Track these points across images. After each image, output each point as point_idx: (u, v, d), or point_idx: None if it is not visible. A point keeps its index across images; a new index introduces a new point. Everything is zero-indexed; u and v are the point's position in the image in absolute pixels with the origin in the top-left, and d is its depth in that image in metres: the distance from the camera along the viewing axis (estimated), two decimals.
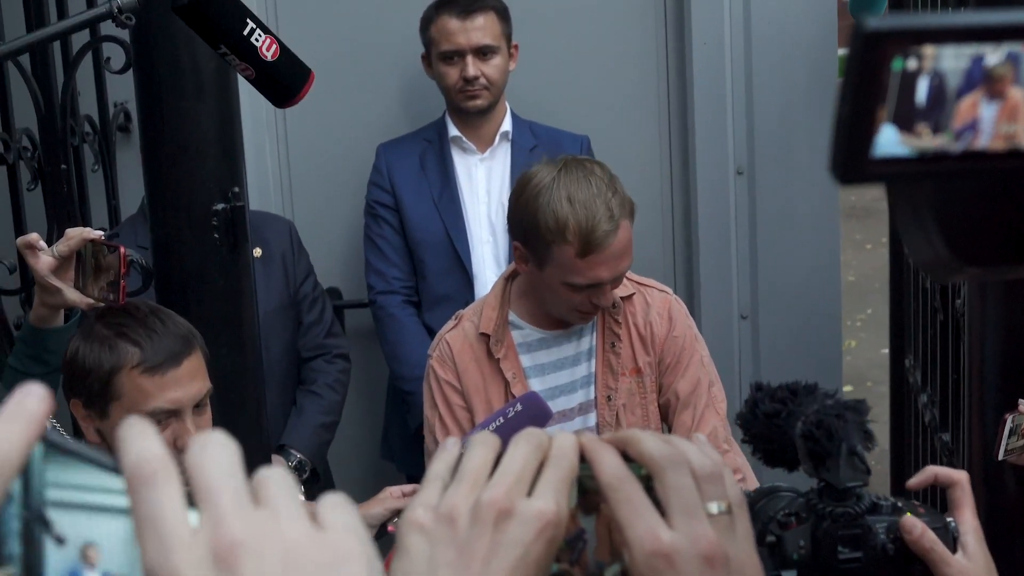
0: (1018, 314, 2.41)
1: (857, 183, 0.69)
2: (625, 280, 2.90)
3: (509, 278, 2.90)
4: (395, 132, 3.90)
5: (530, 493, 0.87)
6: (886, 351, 4.21)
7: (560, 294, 2.74)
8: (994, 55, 0.66)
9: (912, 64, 0.66)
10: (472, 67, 3.61)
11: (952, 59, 0.66)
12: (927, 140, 0.67)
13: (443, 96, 3.73)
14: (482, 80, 3.63)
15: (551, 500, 0.86)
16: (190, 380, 2.22)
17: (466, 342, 2.89)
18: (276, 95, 2.03)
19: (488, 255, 3.69)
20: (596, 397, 2.87)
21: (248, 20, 1.90)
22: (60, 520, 0.62)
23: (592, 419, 2.87)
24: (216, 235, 2.51)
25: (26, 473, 0.61)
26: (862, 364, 7.87)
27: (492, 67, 3.64)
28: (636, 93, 4.07)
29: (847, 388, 7.37)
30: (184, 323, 2.26)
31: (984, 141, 0.67)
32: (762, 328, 4.03)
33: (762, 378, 4.06)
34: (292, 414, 3.45)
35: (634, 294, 2.90)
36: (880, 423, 4.34)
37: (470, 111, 3.68)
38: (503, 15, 3.66)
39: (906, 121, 0.67)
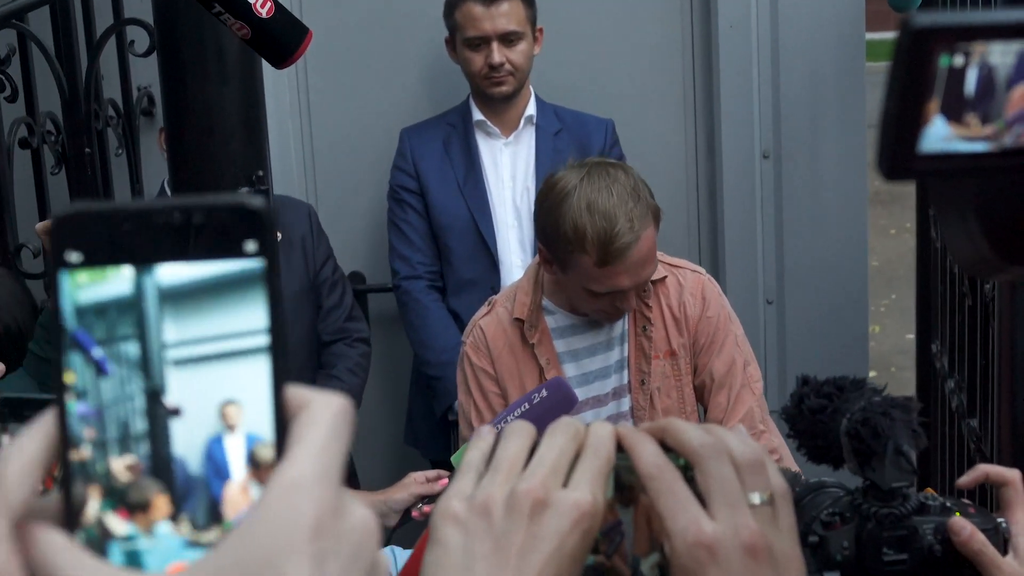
0: None
1: (903, 179, 0.68)
2: (658, 262, 2.88)
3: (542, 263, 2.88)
4: (419, 116, 3.89)
5: (566, 484, 0.85)
6: (910, 336, 4.19)
7: (583, 298, 2.73)
8: None
9: (959, 60, 0.65)
10: (497, 53, 3.59)
11: (999, 55, 0.65)
12: (976, 130, 0.66)
13: (467, 80, 3.71)
14: (507, 66, 3.61)
15: (587, 491, 0.84)
16: None
17: (500, 327, 2.88)
18: (273, 54, 2.00)
19: (513, 239, 3.68)
20: (630, 381, 2.86)
21: None
22: (191, 381, 0.61)
23: (626, 403, 2.85)
24: None
25: (142, 337, 0.60)
26: (887, 349, 7.85)
27: (517, 53, 3.62)
28: (661, 76, 4.05)
29: (872, 373, 7.35)
30: None
31: None
32: (788, 313, 4.01)
33: (787, 362, 4.05)
34: None
35: (667, 276, 2.87)
36: None
37: (495, 97, 3.66)
38: (528, 0, 3.64)
39: (955, 112, 0.65)
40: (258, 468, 0.61)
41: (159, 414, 0.59)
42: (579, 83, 4.00)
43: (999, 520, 1.33)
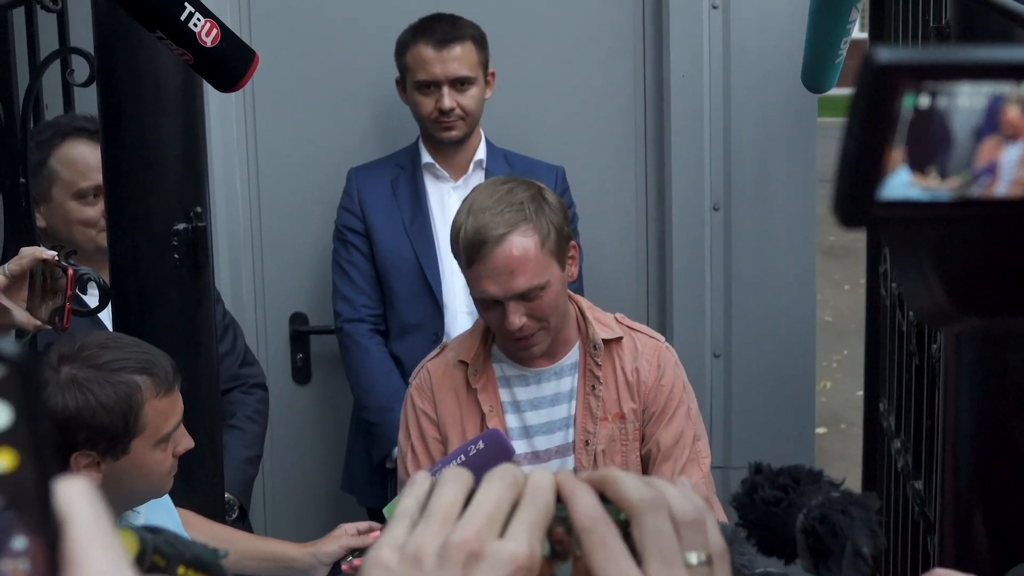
0: (993, 360, 2.38)
1: (860, 225, 0.65)
2: (614, 323, 2.88)
3: None
4: (367, 156, 3.86)
5: (503, 534, 0.82)
6: (861, 393, 4.18)
7: (480, 314, 2.75)
8: (1013, 94, 0.62)
9: (924, 101, 0.62)
10: (448, 98, 3.56)
11: (968, 97, 0.62)
12: (934, 183, 0.63)
13: (417, 123, 3.69)
14: (458, 111, 3.59)
15: (524, 542, 0.81)
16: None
17: (447, 371, 2.86)
18: (218, 80, 1.97)
19: (459, 284, 3.65)
20: (575, 440, 2.83)
21: (186, 4, 1.83)
22: None
23: (570, 463, 2.83)
24: (176, 255, 2.46)
25: None
26: (837, 405, 7.87)
27: (468, 98, 3.60)
28: (613, 124, 4.05)
29: (821, 429, 7.36)
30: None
31: (1003, 187, 0.63)
32: (735, 367, 4.00)
33: (733, 417, 4.03)
34: None
35: (622, 337, 2.87)
36: (853, 465, 4.31)
37: (445, 141, 3.64)
38: (481, 43, 3.63)
39: (919, 160, 0.63)
40: None
41: None
42: (530, 128, 3.99)
43: None
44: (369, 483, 3.73)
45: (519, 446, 2.84)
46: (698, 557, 0.83)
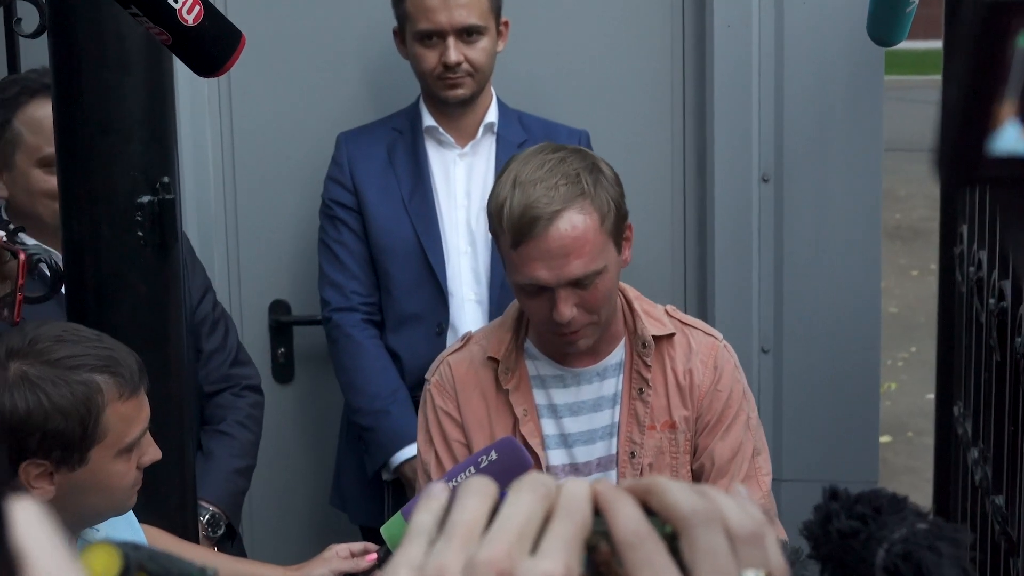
0: None
1: (970, 185, 0.66)
2: (665, 316, 2.89)
3: None
4: (360, 119, 3.88)
5: (534, 551, 0.83)
6: (931, 396, 4.19)
7: (520, 302, 2.75)
8: None
9: None
10: (454, 51, 3.57)
11: None
12: None
13: (418, 80, 3.70)
14: (465, 66, 3.60)
15: (560, 560, 0.82)
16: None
17: (471, 367, 2.87)
18: (198, 64, 1.98)
19: (466, 268, 3.67)
20: (618, 451, 2.84)
21: None
22: None
23: (613, 477, 2.84)
24: (140, 233, 2.48)
25: None
26: (903, 411, 7.89)
27: (478, 50, 3.61)
28: (646, 82, 4.06)
29: (885, 438, 7.37)
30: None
31: None
32: (787, 365, 4.01)
33: (784, 424, 4.04)
34: (198, 460, 3.27)
35: (675, 334, 2.87)
36: (923, 480, 4.31)
37: (450, 101, 3.65)
38: None
39: None
40: None
41: None
42: (548, 87, 4.01)
43: None
44: (362, 498, 3.75)
45: (556, 456, 2.85)
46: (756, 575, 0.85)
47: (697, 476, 2.84)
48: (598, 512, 0.86)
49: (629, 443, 2.83)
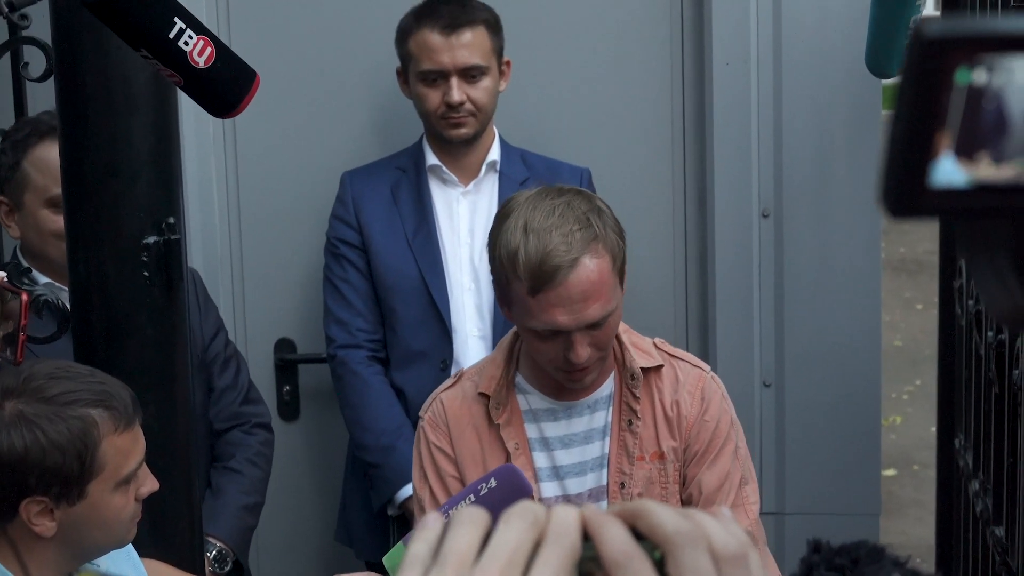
0: None
1: (911, 216, 0.68)
2: (653, 349, 2.91)
3: (519, 334, 2.89)
4: (364, 158, 3.90)
5: None
6: (935, 429, 4.20)
7: (529, 344, 2.76)
8: None
9: (980, 77, 0.65)
10: (457, 91, 3.60)
11: None
12: (986, 171, 0.66)
13: (421, 119, 3.73)
14: (468, 106, 3.62)
15: None
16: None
17: (464, 403, 2.89)
18: (212, 105, 1.99)
19: (470, 305, 3.69)
20: (609, 483, 2.86)
21: (176, 20, 1.84)
22: None
23: (603, 507, 2.84)
24: (146, 273, 2.50)
25: None
26: (909, 444, 7.88)
27: (480, 90, 3.63)
28: (646, 119, 4.08)
29: (889, 472, 7.37)
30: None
31: None
32: (788, 398, 4.02)
33: (786, 457, 4.05)
34: (207, 496, 3.34)
35: (662, 366, 2.89)
36: (927, 513, 4.31)
37: (453, 140, 3.68)
38: (494, 28, 3.66)
39: (967, 147, 0.66)
40: None
41: None
42: (550, 125, 4.03)
43: None
44: (368, 533, 3.76)
45: (548, 488, 2.87)
46: None
47: (686, 505, 2.85)
48: (587, 537, 0.88)
49: (619, 474, 2.85)
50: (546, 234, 2.63)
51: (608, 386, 2.90)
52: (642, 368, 2.86)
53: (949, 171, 0.66)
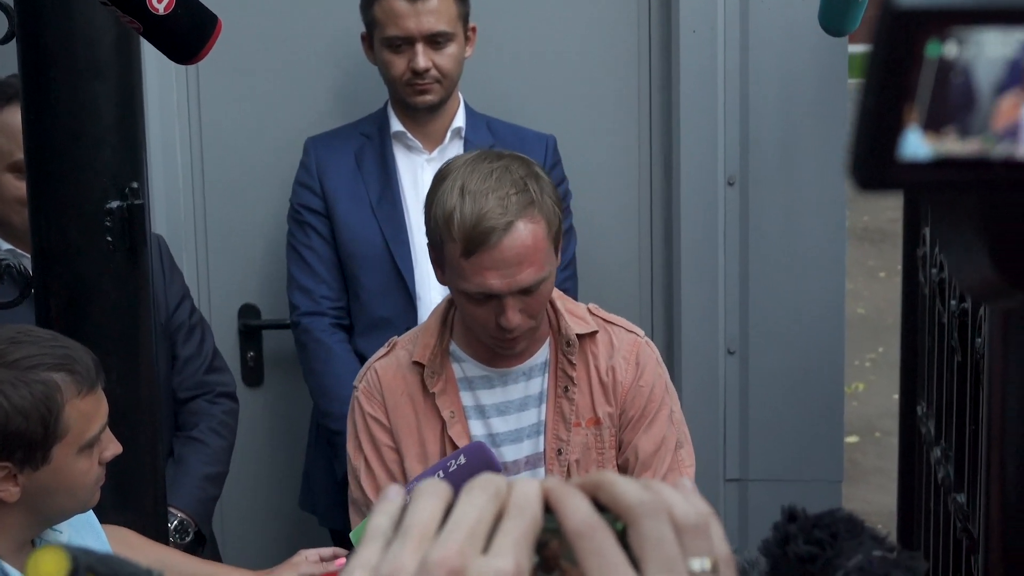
0: None
1: (880, 189, 0.68)
2: (588, 315, 2.93)
3: (453, 301, 2.90)
4: (328, 124, 3.90)
5: (487, 550, 0.86)
6: (898, 397, 4.23)
7: (462, 308, 2.78)
8: None
9: (951, 50, 0.65)
10: (422, 57, 3.59)
11: (999, 46, 0.65)
12: (951, 145, 0.67)
13: (386, 86, 3.72)
14: (433, 72, 3.61)
15: (510, 557, 0.85)
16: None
17: (399, 372, 2.89)
18: (173, 52, 1.98)
19: (434, 273, 3.69)
20: (545, 449, 2.88)
21: None
22: None
23: (540, 474, 2.86)
24: (109, 238, 2.49)
25: None
26: (871, 411, 7.93)
27: (446, 57, 3.63)
28: (612, 87, 4.09)
29: (852, 438, 7.42)
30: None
31: None
32: (752, 366, 4.05)
33: (750, 424, 4.07)
34: (169, 466, 3.32)
35: (597, 332, 2.91)
36: (889, 480, 4.34)
37: (418, 106, 3.67)
38: None
39: (935, 121, 0.66)
40: None
41: None
42: (516, 92, 4.03)
43: None
44: (332, 501, 3.75)
45: None
46: (702, 564, 0.87)
47: (623, 470, 2.88)
48: (549, 510, 0.89)
49: (556, 440, 2.86)
50: (482, 197, 2.64)
51: (543, 353, 2.91)
52: (577, 335, 2.88)
53: (916, 145, 0.66)
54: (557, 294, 2.93)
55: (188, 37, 1.95)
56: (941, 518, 3.33)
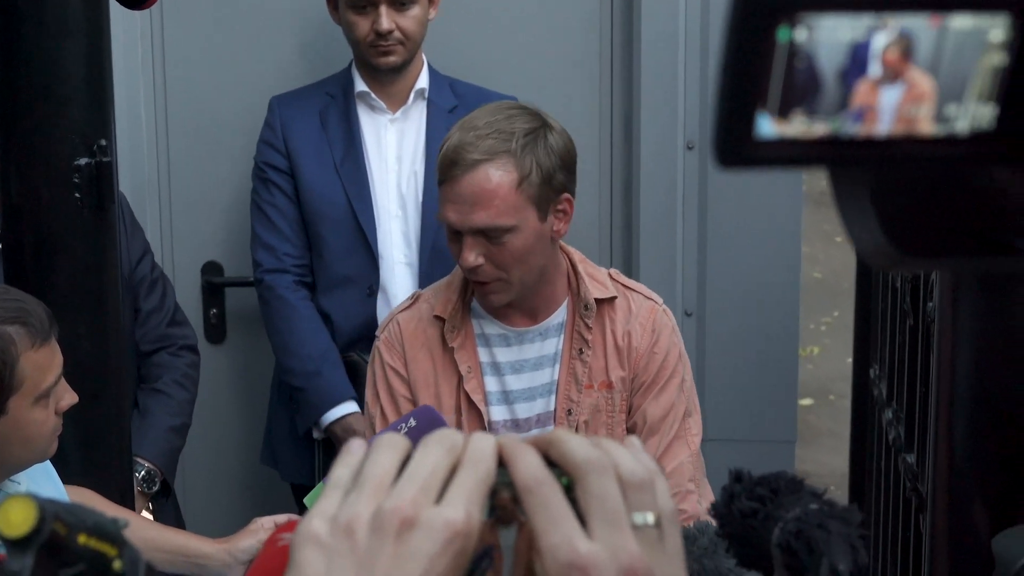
0: (994, 318, 2.47)
1: (740, 167, 0.72)
2: (608, 280, 2.96)
3: None
4: (293, 83, 3.91)
5: (440, 501, 0.89)
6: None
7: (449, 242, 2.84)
8: (885, 33, 0.69)
9: (801, 35, 0.68)
10: (386, 19, 3.59)
11: (848, 31, 0.69)
12: (798, 127, 0.70)
13: (350, 46, 3.73)
14: (397, 34, 3.62)
15: (461, 508, 0.89)
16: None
17: (420, 325, 2.94)
18: None
19: (396, 231, 3.71)
20: (556, 409, 2.92)
21: None
22: None
23: None
24: (78, 195, 2.52)
25: None
26: (825, 374, 7.98)
27: (409, 19, 3.63)
28: (574, 49, 4.11)
29: (806, 401, 7.48)
30: None
31: (884, 125, 0.71)
32: (709, 328, 4.09)
33: (706, 386, 4.12)
34: (134, 417, 3.34)
35: (616, 297, 2.94)
36: (842, 442, 4.39)
37: (382, 68, 3.68)
38: None
39: (785, 103, 0.69)
40: None
41: None
42: (479, 53, 4.05)
43: None
44: (294, 456, 3.79)
45: (497, 412, 2.93)
46: (645, 518, 0.91)
47: (631, 433, 2.91)
48: (503, 464, 0.93)
49: (567, 401, 2.90)
50: (467, 133, 2.73)
51: (560, 314, 2.95)
52: (596, 299, 2.91)
53: (767, 127, 0.70)
54: (580, 257, 2.99)
55: None
56: (892, 478, 3.38)
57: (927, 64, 0.70)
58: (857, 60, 0.70)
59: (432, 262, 3.58)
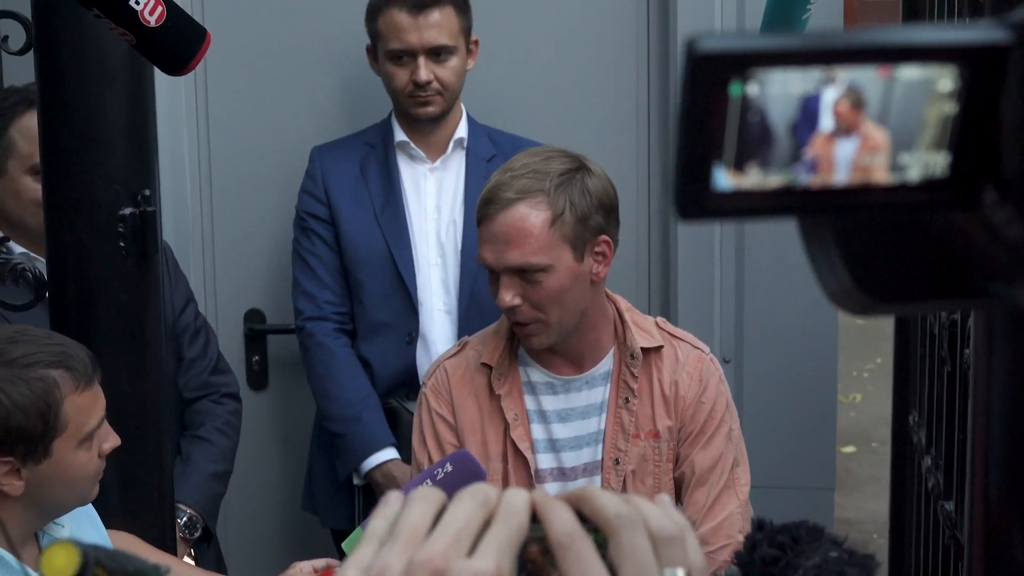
0: None
1: (700, 219, 0.73)
2: (655, 328, 2.96)
3: None
4: (333, 133, 3.94)
5: (471, 553, 0.90)
6: None
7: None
8: (834, 87, 0.71)
9: (753, 90, 0.70)
10: (424, 70, 3.62)
11: (798, 84, 0.71)
12: (753, 180, 0.72)
13: (390, 96, 3.77)
14: (435, 84, 3.65)
15: (491, 561, 0.89)
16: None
17: (467, 372, 2.95)
18: (164, 63, 2.04)
19: (436, 279, 3.73)
20: (603, 458, 2.92)
21: None
22: None
23: (597, 482, 2.90)
24: (122, 243, 2.54)
25: None
26: (868, 421, 7.94)
27: (448, 70, 3.66)
28: (611, 98, 4.13)
29: (848, 448, 7.45)
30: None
31: (841, 175, 0.72)
32: (747, 374, 4.08)
33: (744, 430, 4.11)
34: (177, 464, 3.36)
35: (663, 347, 2.94)
36: (884, 489, 4.36)
37: (421, 118, 3.71)
38: (462, 7, 3.68)
39: (739, 156, 0.71)
40: None
41: None
42: (518, 103, 4.08)
43: None
44: (333, 502, 3.81)
45: (544, 460, 2.93)
46: (675, 573, 0.93)
47: (679, 484, 2.90)
48: (536, 520, 0.94)
49: (614, 450, 2.89)
50: (504, 174, 2.77)
51: (607, 363, 2.95)
52: (643, 348, 2.91)
53: (722, 179, 0.72)
54: (626, 306, 2.99)
55: (178, 49, 2.00)
56: (931, 525, 3.36)
57: (877, 115, 0.71)
58: (808, 113, 0.71)
59: (470, 310, 3.60)
